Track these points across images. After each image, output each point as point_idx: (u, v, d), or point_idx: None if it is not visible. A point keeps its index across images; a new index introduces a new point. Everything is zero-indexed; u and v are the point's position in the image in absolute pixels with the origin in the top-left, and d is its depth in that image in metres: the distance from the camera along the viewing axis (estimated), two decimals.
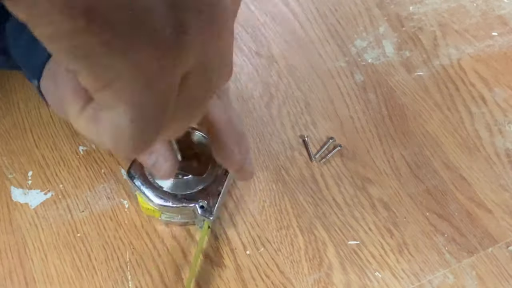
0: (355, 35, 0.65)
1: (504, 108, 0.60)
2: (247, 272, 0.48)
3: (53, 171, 0.53)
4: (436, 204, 0.52)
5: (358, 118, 0.58)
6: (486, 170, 0.55)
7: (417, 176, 0.54)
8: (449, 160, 0.56)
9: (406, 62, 0.63)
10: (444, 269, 0.49)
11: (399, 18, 0.67)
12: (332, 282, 0.48)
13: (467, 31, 0.66)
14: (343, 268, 0.49)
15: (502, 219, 0.52)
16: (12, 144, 0.54)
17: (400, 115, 0.59)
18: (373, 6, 0.68)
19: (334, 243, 0.50)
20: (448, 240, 0.50)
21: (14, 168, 0.53)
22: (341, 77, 0.61)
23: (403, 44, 0.64)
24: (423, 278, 0.48)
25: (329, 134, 0.57)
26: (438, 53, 0.64)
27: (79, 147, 0.54)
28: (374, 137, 0.57)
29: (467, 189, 0.54)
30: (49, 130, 0.55)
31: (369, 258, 0.49)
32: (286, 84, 0.60)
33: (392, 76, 0.62)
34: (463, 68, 0.63)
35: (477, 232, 0.51)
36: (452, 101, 0.60)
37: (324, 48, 0.64)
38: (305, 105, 0.59)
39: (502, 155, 0.56)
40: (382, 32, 0.65)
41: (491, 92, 0.61)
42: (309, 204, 0.52)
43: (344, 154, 0.55)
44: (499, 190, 0.54)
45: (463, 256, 0.50)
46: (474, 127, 0.58)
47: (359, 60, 0.63)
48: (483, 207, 0.53)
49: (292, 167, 0.54)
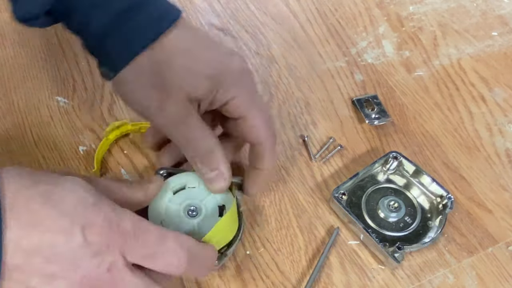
0: (355, 35, 0.65)
1: (504, 108, 0.60)
2: (247, 272, 0.48)
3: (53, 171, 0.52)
4: None
5: (358, 118, 0.58)
6: (486, 170, 0.55)
7: None
8: (449, 160, 0.56)
9: (406, 62, 0.63)
10: (444, 269, 0.49)
11: (399, 18, 0.67)
12: (332, 282, 0.48)
13: (467, 31, 0.66)
14: (343, 268, 0.48)
15: (502, 219, 0.52)
16: (12, 144, 0.54)
17: (400, 115, 0.59)
18: (373, 6, 0.68)
19: (334, 243, 0.50)
20: (448, 240, 0.50)
21: None
22: (341, 77, 0.61)
23: (403, 44, 0.64)
24: (423, 278, 0.48)
25: (329, 134, 0.57)
26: (438, 53, 0.64)
27: (79, 147, 0.54)
28: (374, 137, 0.57)
29: (467, 189, 0.54)
30: (49, 130, 0.55)
31: (369, 258, 0.49)
32: (286, 84, 0.60)
33: (392, 76, 0.62)
34: (463, 68, 0.63)
35: (477, 232, 0.51)
36: (452, 101, 0.60)
37: (324, 48, 0.64)
38: (305, 105, 0.59)
39: (502, 155, 0.56)
40: (382, 32, 0.65)
41: (491, 92, 0.61)
42: (309, 204, 0.52)
43: (344, 154, 0.55)
44: (499, 190, 0.54)
45: (463, 256, 0.50)
46: (474, 127, 0.58)
47: (359, 60, 0.63)
48: (483, 207, 0.53)
49: (292, 167, 0.54)
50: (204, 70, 0.42)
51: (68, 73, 0.59)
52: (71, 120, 0.56)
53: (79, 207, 0.35)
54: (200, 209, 0.44)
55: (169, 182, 0.45)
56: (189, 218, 0.44)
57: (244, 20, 0.65)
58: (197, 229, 0.43)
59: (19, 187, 0.34)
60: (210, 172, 0.43)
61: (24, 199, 0.34)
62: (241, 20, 0.65)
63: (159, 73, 0.42)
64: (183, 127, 0.42)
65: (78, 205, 0.35)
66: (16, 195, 0.33)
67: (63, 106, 0.57)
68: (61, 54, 0.61)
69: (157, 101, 0.42)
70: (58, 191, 0.35)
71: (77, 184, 0.36)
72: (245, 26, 0.65)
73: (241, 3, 0.67)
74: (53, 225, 0.34)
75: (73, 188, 0.35)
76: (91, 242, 0.34)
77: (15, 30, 0.62)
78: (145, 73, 0.42)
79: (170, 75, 0.42)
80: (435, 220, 0.51)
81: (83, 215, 0.34)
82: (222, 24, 0.64)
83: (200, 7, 0.66)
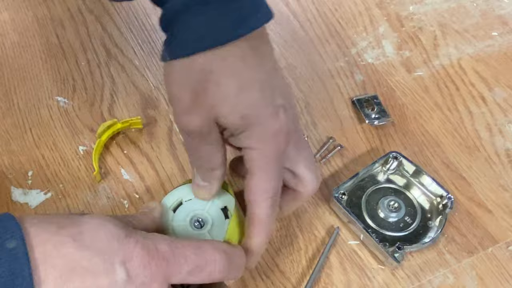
0: (355, 35, 0.65)
1: (504, 108, 0.60)
2: (247, 272, 0.48)
3: (53, 171, 0.53)
4: None
5: (358, 118, 0.58)
6: (486, 170, 0.55)
7: None
8: (449, 160, 0.56)
9: (406, 62, 0.63)
10: (444, 269, 0.49)
11: (399, 18, 0.67)
12: (332, 282, 0.48)
13: (467, 31, 0.66)
14: (343, 268, 0.48)
15: (502, 219, 0.52)
16: (12, 144, 0.54)
17: (400, 115, 0.59)
18: (373, 6, 0.68)
19: (334, 243, 0.50)
20: (448, 240, 0.50)
21: (14, 168, 0.53)
22: (341, 77, 0.61)
23: (403, 44, 0.64)
24: (423, 278, 0.48)
25: (329, 134, 0.57)
26: (438, 53, 0.64)
27: (79, 147, 0.54)
28: (374, 137, 0.57)
29: (467, 189, 0.54)
30: (49, 130, 0.55)
31: (369, 258, 0.49)
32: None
33: (392, 76, 0.62)
34: (463, 68, 0.63)
35: (477, 232, 0.51)
36: (452, 101, 0.60)
37: (324, 48, 0.64)
38: (305, 105, 0.59)
39: (502, 155, 0.56)
40: (382, 32, 0.65)
41: (491, 92, 0.61)
42: (309, 204, 0.52)
43: (344, 154, 0.55)
44: (499, 190, 0.54)
45: (463, 256, 0.50)
46: (474, 127, 0.58)
47: (359, 60, 0.63)
48: (483, 207, 0.53)
49: None
50: (244, 109, 0.39)
51: (68, 73, 0.59)
52: (71, 120, 0.56)
53: (114, 243, 0.33)
54: (206, 218, 0.44)
55: (165, 202, 0.45)
56: (199, 230, 0.44)
57: None
58: (210, 238, 0.43)
59: (47, 236, 0.32)
60: (201, 181, 0.43)
61: (54, 246, 0.32)
62: None
63: (205, 81, 0.38)
64: (199, 139, 0.41)
65: (112, 241, 0.33)
66: (45, 244, 0.32)
67: (63, 106, 0.57)
68: (61, 54, 0.61)
69: (188, 104, 0.39)
70: (87, 230, 0.33)
71: (104, 220, 0.34)
72: None
73: None
74: (93, 267, 0.32)
75: (102, 224, 0.34)
76: (134, 276, 0.33)
77: (15, 30, 0.62)
78: (193, 74, 0.39)
79: (212, 90, 0.38)
80: (435, 220, 0.51)
81: (119, 249, 0.33)
82: None
83: None
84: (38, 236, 0.32)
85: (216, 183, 0.43)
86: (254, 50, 0.39)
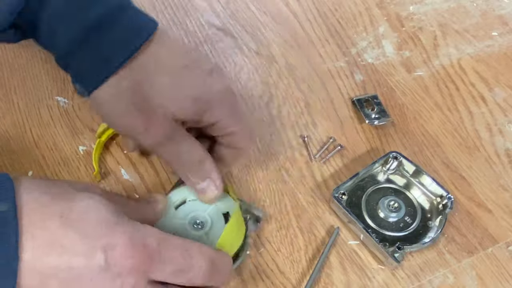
0: (355, 35, 0.65)
1: (504, 108, 0.60)
2: (247, 272, 0.48)
3: (53, 171, 0.53)
4: None
5: (358, 118, 0.58)
6: (486, 170, 0.55)
7: None
8: (449, 160, 0.56)
9: (406, 62, 0.63)
10: (444, 269, 0.49)
11: (399, 18, 0.67)
12: (332, 282, 0.48)
13: (467, 31, 0.66)
14: (343, 268, 0.49)
15: (502, 219, 0.52)
16: (12, 144, 0.54)
17: (400, 115, 0.59)
18: (373, 6, 0.68)
19: (334, 243, 0.50)
20: (448, 240, 0.50)
21: (14, 168, 0.53)
22: (341, 77, 0.61)
23: (403, 44, 0.64)
24: (423, 278, 0.48)
25: (329, 134, 0.57)
26: (438, 53, 0.64)
27: (79, 147, 0.54)
28: (374, 137, 0.57)
29: (467, 189, 0.54)
30: (49, 130, 0.55)
31: (369, 258, 0.49)
32: (286, 84, 0.60)
33: (392, 76, 0.62)
34: (463, 68, 0.63)
35: (477, 232, 0.51)
36: (452, 101, 0.60)
37: (324, 48, 0.64)
38: (305, 105, 0.59)
39: (502, 155, 0.56)
40: (382, 32, 0.65)
41: (491, 92, 0.61)
42: (309, 204, 0.52)
43: (344, 154, 0.55)
44: (499, 190, 0.54)
45: (463, 256, 0.50)
46: (474, 127, 0.58)
47: (359, 60, 0.63)
48: (483, 207, 0.53)
49: (292, 167, 0.54)
50: (189, 91, 0.41)
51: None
52: (71, 120, 0.56)
53: (100, 227, 0.33)
54: (205, 220, 0.44)
55: (170, 197, 0.45)
56: (197, 231, 0.44)
57: (244, 20, 0.65)
58: (206, 240, 0.43)
59: (37, 206, 0.33)
60: (202, 182, 0.43)
61: (41, 218, 0.32)
62: (241, 20, 0.65)
63: (141, 92, 0.40)
64: (171, 143, 0.42)
65: (99, 225, 0.33)
66: (33, 213, 0.32)
67: (63, 106, 0.57)
68: None
69: (142, 123, 0.40)
70: (77, 209, 0.33)
71: (98, 202, 0.34)
72: (245, 26, 0.65)
73: (241, 3, 0.67)
74: (72, 247, 0.32)
75: (94, 206, 0.34)
76: (112, 264, 0.33)
77: None
78: (124, 93, 0.40)
79: (153, 95, 0.40)
80: (435, 220, 0.51)
81: (104, 235, 0.33)
82: (222, 24, 0.64)
83: (200, 7, 0.66)
84: (28, 205, 0.32)
85: (214, 174, 0.43)
86: (163, 43, 0.42)
